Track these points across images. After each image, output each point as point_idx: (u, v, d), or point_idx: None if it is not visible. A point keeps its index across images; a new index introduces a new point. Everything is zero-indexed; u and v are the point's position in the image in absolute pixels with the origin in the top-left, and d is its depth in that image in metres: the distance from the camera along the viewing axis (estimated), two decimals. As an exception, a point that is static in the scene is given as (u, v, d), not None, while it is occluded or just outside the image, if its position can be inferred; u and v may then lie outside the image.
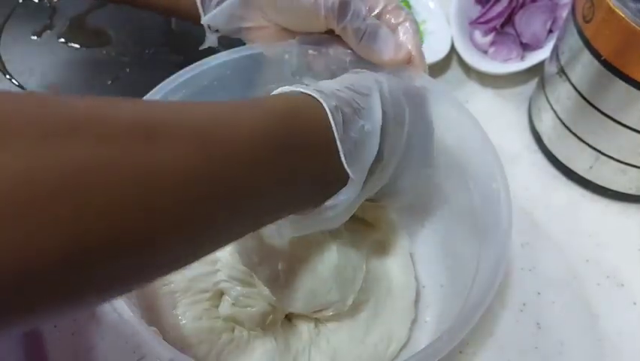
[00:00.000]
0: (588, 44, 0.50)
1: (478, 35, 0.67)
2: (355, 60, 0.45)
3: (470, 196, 0.45)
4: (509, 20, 0.65)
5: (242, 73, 0.48)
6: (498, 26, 0.65)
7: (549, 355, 0.48)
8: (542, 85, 0.59)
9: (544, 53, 0.63)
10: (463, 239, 0.46)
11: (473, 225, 0.44)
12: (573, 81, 0.53)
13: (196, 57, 0.46)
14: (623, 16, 0.46)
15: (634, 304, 0.51)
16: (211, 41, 0.47)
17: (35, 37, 0.65)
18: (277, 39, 0.46)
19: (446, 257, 0.50)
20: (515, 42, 0.65)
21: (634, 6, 0.46)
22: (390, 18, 0.44)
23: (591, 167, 0.56)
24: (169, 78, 0.45)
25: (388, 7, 0.43)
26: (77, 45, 0.65)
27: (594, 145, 0.54)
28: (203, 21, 0.45)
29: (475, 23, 0.67)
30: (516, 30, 0.65)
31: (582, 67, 0.52)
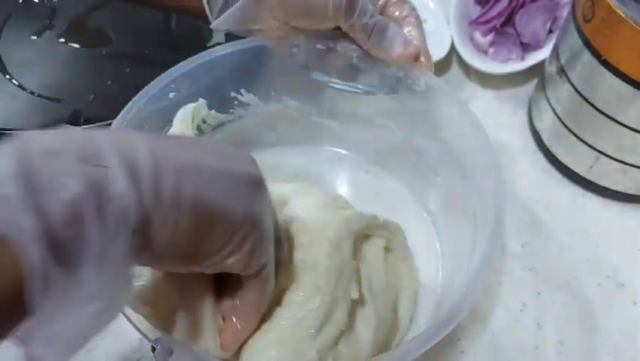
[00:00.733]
0: (588, 44, 0.50)
1: (478, 35, 0.67)
2: (362, 56, 0.45)
3: (469, 195, 0.45)
4: (509, 20, 0.65)
5: (248, 64, 0.48)
6: (498, 26, 0.65)
7: (549, 355, 0.48)
8: (542, 85, 0.59)
9: (544, 53, 0.63)
10: (462, 238, 0.46)
11: (471, 224, 0.44)
12: (573, 81, 0.53)
13: (196, 57, 0.47)
14: (623, 16, 0.46)
15: (634, 304, 0.51)
16: (218, 38, 0.47)
17: (35, 37, 0.65)
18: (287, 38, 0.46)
19: (444, 256, 0.50)
20: (515, 42, 0.65)
21: (634, 6, 0.46)
22: (394, 11, 0.44)
23: (591, 167, 0.56)
24: (172, 68, 0.45)
25: None
26: (77, 45, 0.65)
27: (594, 145, 0.54)
28: (212, 26, 0.45)
29: (475, 23, 0.67)
30: (516, 30, 0.65)
31: (582, 67, 0.52)
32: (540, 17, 0.64)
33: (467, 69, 0.67)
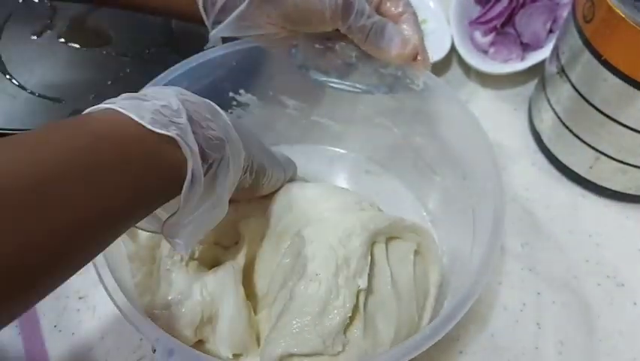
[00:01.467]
0: (588, 44, 0.50)
1: (478, 35, 0.67)
2: (361, 55, 0.45)
3: (468, 194, 0.45)
4: (509, 20, 0.65)
5: (247, 64, 0.48)
6: (498, 26, 0.65)
7: (549, 355, 0.48)
8: (542, 85, 0.59)
9: (544, 53, 0.63)
10: (461, 237, 0.46)
11: (471, 223, 0.44)
12: (573, 81, 0.53)
13: (196, 57, 0.47)
14: (623, 16, 0.46)
15: (634, 304, 0.51)
16: (215, 41, 0.47)
17: (35, 37, 0.65)
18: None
19: (443, 255, 0.50)
20: (515, 42, 0.65)
21: (634, 6, 0.46)
22: (390, 7, 0.44)
23: (591, 167, 0.56)
24: (171, 68, 0.45)
25: None
26: (77, 45, 0.65)
27: (594, 145, 0.54)
28: (210, 36, 0.45)
29: (475, 23, 0.67)
30: (516, 30, 0.65)
31: (582, 67, 0.52)
32: (540, 17, 0.64)
33: (467, 69, 0.67)
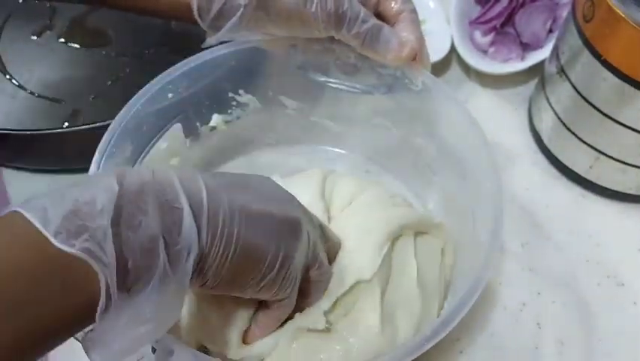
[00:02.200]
0: (588, 44, 0.50)
1: (478, 35, 0.67)
2: (360, 56, 0.45)
3: (467, 194, 0.45)
4: (509, 20, 0.65)
5: (246, 64, 0.48)
6: (498, 26, 0.65)
7: (549, 355, 0.48)
8: (542, 85, 0.59)
9: (544, 53, 0.62)
10: (461, 237, 0.46)
11: (470, 223, 0.44)
12: (573, 81, 0.53)
13: (196, 57, 0.47)
14: (623, 15, 0.46)
15: (634, 304, 0.51)
16: (212, 42, 0.47)
17: (35, 37, 0.65)
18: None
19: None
20: (515, 42, 0.65)
21: (634, 6, 0.46)
22: (388, 5, 0.44)
23: (591, 167, 0.56)
24: (171, 68, 0.45)
25: None
26: (77, 45, 0.65)
27: (594, 145, 0.54)
28: (204, 45, 0.46)
29: (475, 23, 0.67)
30: (516, 30, 0.65)
31: (582, 67, 0.52)
32: (540, 17, 0.64)
33: (467, 69, 0.67)
